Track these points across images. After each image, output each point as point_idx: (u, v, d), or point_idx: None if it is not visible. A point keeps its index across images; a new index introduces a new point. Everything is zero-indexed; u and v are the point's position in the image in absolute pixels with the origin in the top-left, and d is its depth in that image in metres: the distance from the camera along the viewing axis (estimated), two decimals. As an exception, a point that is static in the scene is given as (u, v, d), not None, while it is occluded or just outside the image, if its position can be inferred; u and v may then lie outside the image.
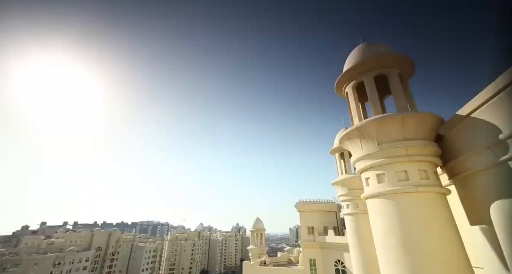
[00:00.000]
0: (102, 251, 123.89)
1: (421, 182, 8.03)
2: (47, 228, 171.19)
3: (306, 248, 28.29)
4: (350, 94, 11.25)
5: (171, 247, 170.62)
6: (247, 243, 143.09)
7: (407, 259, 7.43)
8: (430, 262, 7.06)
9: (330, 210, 30.51)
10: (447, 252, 7.07)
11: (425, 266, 7.09)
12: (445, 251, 7.08)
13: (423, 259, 7.18)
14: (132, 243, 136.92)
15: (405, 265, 7.45)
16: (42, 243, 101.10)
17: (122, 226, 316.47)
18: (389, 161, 8.73)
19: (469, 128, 6.97)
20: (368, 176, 9.67)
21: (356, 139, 10.11)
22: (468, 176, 7.28)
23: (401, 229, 7.85)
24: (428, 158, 8.31)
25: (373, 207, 9.27)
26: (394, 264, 7.80)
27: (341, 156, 20.66)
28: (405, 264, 7.44)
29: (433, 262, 7.03)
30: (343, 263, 24.32)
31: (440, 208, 7.77)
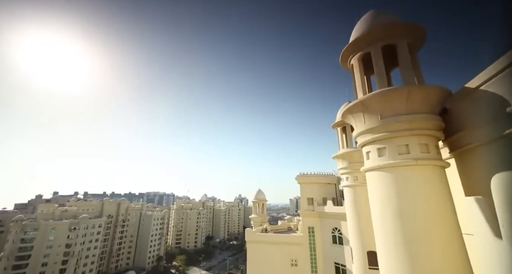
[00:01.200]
0: (113, 219, 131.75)
1: (421, 155, 8.14)
2: (59, 197, 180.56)
3: (305, 217, 29.82)
4: (356, 67, 10.87)
5: (177, 215, 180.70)
6: (249, 213, 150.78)
7: (402, 229, 7.87)
8: (423, 231, 7.48)
9: (329, 182, 31.47)
10: (439, 221, 7.44)
11: (418, 234, 7.52)
12: (438, 220, 7.45)
13: (417, 228, 7.60)
14: (140, 212, 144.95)
15: (400, 234, 7.90)
16: (56, 211, 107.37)
17: (130, 196, 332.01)
18: (391, 135, 8.75)
19: (476, 101, 6.83)
20: (369, 149, 9.79)
21: (359, 113, 10.02)
22: (470, 149, 7.32)
23: (398, 201, 8.17)
24: (430, 132, 8.31)
25: (372, 179, 9.54)
26: (389, 233, 8.28)
27: (343, 130, 20.69)
28: (400, 233, 7.89)
29: (426, 231, 7.45)
30: (339, 230, 25.82)
31: (438, 180, 7.98)
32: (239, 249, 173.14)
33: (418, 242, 7.47)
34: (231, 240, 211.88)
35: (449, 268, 6.95)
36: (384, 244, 8.49)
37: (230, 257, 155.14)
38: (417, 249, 7.42)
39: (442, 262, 7.03)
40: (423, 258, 7.27)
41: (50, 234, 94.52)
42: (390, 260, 8.11)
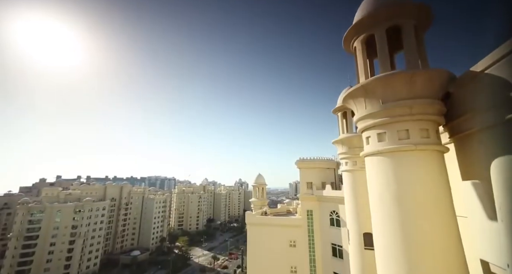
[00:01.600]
0: (117, 202, 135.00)
1: (421, 140, 8.17)
2: (62, 181, 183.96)
3: (304, 200, 30.53)
4: (359, 50, 10.60)
5: (179, 199, 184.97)
6: (249, 196, 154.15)
7: (398, 211, 8.08)
8: (418, 213, 7.70)
9: (329, 167, 31.87)
10: (434, 204, 7.64)
11: (414, 216, 7.74)
12: (433, 203, 7.64)
13: (412, 211, 7.81)
14: (143, 195, 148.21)
15: (396, 216, 8.14)
16: (61, 194, 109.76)
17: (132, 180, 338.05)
18: (391, 120, 8.73)
19: (480, 85, 6.72)
20: (369, 134, 9.81)
21: (360, 97, 9.92)
22: (471, 134, 7.32)
23: (395, 185, 8.32)
24: (432, 117, 8.28)
25: (371, 164, 9.65)
26: (386, 216, 8.52)
27: (344, 115, 20.59)
28: (396, 215, 8.13)
29: (421, 213, 7.67)
30: (337, 213, 26.55)
31: (436, 165, 8.08)
32: (240, 231, 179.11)
33: (413, 224, 7.71)
34: (231, 222, 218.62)
35: (441, 247, 7.23)
36: (380, 226, 8.76)
37: (230, 238, 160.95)
38: (412, 230, 7.67)
39: (434, 242, 7.30)
40: (417, 239, 7.54)
41: (56, 216, 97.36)
42: (386, 240, 8.41)
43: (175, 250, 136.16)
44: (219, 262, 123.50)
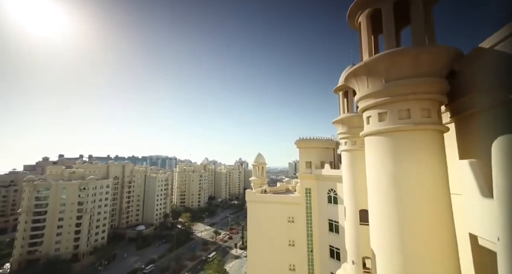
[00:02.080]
0: (120, 180, 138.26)
1: (422, 120, 8.14)
2: (65, 160, 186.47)
3: (303, 179, 31.23)
4: (363, 25, 10.15)
5: (181, 177, 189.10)
6: (249, 175, 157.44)
7: (394, 189, 8.31)
8: (413, 191, 7.92)
9: (328, 146, 32.13)
10: (430, 182, 7.83)
11: (409, 194, 7.98)
12: (429, 181, 7.83)
13: (408, 189, 8.03)
14: (145, 174, 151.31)
15: (392, 194, 8.39)
16: (64, 172, 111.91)
17: (133, 160, 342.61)
18: (393, 99, 8.62)
19: (488, 62, 6.50)
20: (370, 114, 9.76)
21: (363, 76, 9.71)
22: (473, 113, 7.26)
23: (393, 164, 8.45)
24: (434, 96, 8.16)
25: (370, 144, 9.72)
26: (382, 193, 8.78)
27: (345, 94, 20.29)
28: (392, 193, 8.37)
29: (416, 191, 7.89)
30: (335, 191, 27.32)
31: (434, 144, 8.13)
32: (240, 208, 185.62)
33: (407, 201, 7.98)
34: (232, 200, 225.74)
35: (433, 223, 7.55)
36: (376, 203, 9.07)
37: (231, 215, 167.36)
38: (405, 207, 7.96)
39: (427, 218, 7.62)
40: (410, 215, 7.85)
41: (62, 193, 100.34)
42: (380, 216, 8.76)
43: (178, 226, 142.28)
44: (220, 237, 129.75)
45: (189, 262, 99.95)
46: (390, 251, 8.29)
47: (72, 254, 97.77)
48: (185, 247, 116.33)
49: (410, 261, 7.73)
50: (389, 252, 8.32)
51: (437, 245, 7.49)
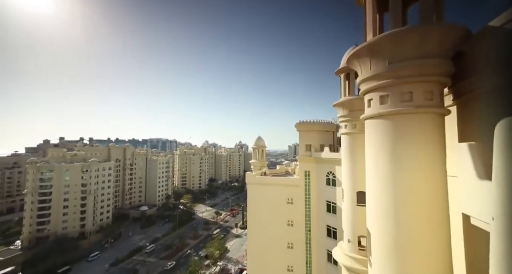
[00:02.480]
0: (121, 162, 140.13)
1: (424, 103, 8.05)
2: (66, 143, 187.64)
3: (302, 162, 31.63)
4: (369, 2, 9.71)
5: (181, 160, 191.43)
6: (249, 158, 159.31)
7: (391, 171, 8.44)
8: (410, 173, 8.06)
9: (328, 129, 32.17)
10: (427, 165, 7.93)
11: (405, 176, 8.12)
12: (426, 164, 7.93)
13: (404, 171, 8.16)
14: (146, 157, 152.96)
15: (388, 176, 8.54)
16: (66, 155, 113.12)
17: (134, 142, 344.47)
18: (396, 81, 8.47)
19: (498, 42, 6.28)
20: (371, 97, 9.64)
21: (365, 57, 9.46)
22: (478, 95, 7.13)
23: (393, 148, 8.50)
24: (439, 78, 7.99)
25: (370, 127, 9.71)
26: (379, 175, 8.93)
27: (347, 76, 19.91)
28: (389, 174, 8.52)
29: (412, 173, 8.02)
30: (333, 174, 27.79)
31: (435, 127, 8.12)
32: (240, 190, 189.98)
33: (403, 183, 8.14)
34: (232, 182, 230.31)
35: (427, 204, 7.78)
36: (373, 185, 9.26)
37: (232, 196, 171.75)
38: (401, 188, 8.15)
39: (421, 199, 7.82)
40: (405, 196, 8.06)
41: (65, 175, 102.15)
42: (377, 197, 8.99)
43: (180, 206, 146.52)
44: (221, 217, 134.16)
45: (192, 241, 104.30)
46: (384, 230, 8.61)
47: (79, 232, 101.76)
48: (187, 227, 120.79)
49: (402, 239, 8.06)
50: (383, 230, 8.65)
51: (429, 224, 7.77)
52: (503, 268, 1.96)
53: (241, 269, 77.38)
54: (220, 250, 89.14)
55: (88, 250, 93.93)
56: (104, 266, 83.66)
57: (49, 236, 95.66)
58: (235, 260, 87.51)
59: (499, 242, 1.97)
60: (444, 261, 7.78)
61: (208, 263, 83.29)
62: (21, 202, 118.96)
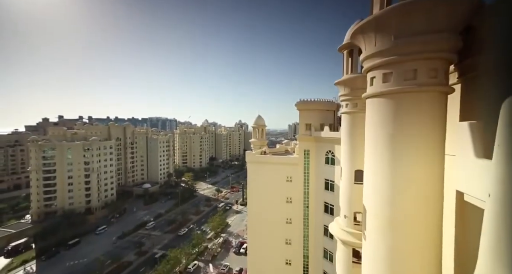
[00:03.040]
0: (122, 141, 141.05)
1: (427, 81, 7.87)
2: (65, 121, 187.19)
3: (302, 141, 31.81)
4: (378, -28, 9.07)
5: (182, 139, 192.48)
6: (249, 137, 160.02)
7: (390, 149, 8.51)
8: (408, 152, 8.13)
9: (328, 108, 31.90)
10: (426, 144, 7.98)
11: (403, 154, 8.21)
12: (425, 144, 7.98)
13: (403, 150, 8.23)
14: (146, 135, 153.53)
15: (387, 155, 8.63)
16: (67, 133, 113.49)
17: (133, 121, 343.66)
18: (401, 58, 8.20)
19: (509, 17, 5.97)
20: (374, 75, 9.41)
21: (371, 32, 9.07)
22: (485, 72, 6.95)
23: (392, 126, 8.47)
24: (445, 55, 7.72)
25: (371, 106, 9.60)
26: (378, 155, 9.02)
27: (350, 53, 19.26)
28: (387, 153, 8.60)
29: (410, 151, 8.10)
30: (333, 153, 28.11)
31: (437, 107, 8.03)
32: (240, 168, 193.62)
33: (401, 161, 8.26)
34: (232, 160, 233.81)
35: (422, 181, 7.96)
36: (372, 163, 9.40)
37: (232, 174, 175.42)
38: (398, 166, 8.28)
39: (417, 176, 7.99)
40: (401, 174, 8.22)
41: (67, 153, 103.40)
42: (375, 175, 9.18)
43: (181, 184, 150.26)
44: (222, 194, 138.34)
45: (194, 216, 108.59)
46: (379, 206, 8.92)
47: (85, 208, 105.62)
48: (189, 203, 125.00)
49: (396, 215, 8.38)
50: (379, 206, 8.96)
51: (423, 201, 8.03)
52: (495, 243, 2.06)
53: (242, 242, 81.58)
54: (221, 225, 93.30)
55: (95, 224, 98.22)
56: (112, 239, 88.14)
57: (56, 211, 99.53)
58: (236, 234, 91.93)
59: (494, 217, 2.04)
60: (434, 236, 8.17)
61: (211, 237, 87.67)
62: (27, 179, 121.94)
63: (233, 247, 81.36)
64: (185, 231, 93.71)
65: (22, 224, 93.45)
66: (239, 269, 67.69)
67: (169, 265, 64.61)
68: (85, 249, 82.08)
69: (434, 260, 8.27)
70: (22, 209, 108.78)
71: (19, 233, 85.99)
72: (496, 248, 2.12)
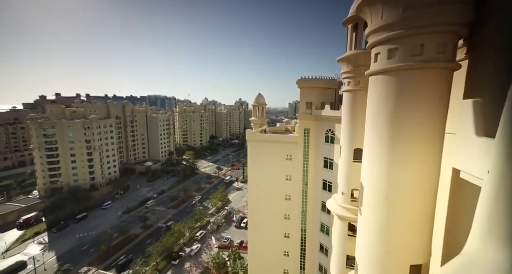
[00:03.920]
0: (122, 120, 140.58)
1: (434, 57, 7.57)
2: (63, 99, 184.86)
3: (302, 120, 31.69)
4: None
5: (181, 117, 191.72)
6: (249, 115, 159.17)
7: (390, 127, 8.48)
8: (407, 130, 8.10)
9: (330, 86, 31.31)
10: (426, 123, 7.92)
11: (402, 132, 8.19)
12: (425, 122, 7.91)
13: (404, 130, 8.18)
14: (146, 114, 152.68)
15: (387, 134, 8.61)
16: (65, 111, 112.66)
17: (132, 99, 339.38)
18: (408, 32, 7.80)
19: None
20: (379, 50, 9.04)
21: (378, 4, 8.54)
22: (496, 46, 6.65)
23: (394, 105, 8.34)
24: (456, 28, 7.32)
25: (374, 83, 9.37)
26: (378, 134, 9.00)
27: (354, 28, 18.37)
28: (387, 132, 8.57)
29: (410, 132, 8.06)
30: (333, 132, 28.16)
31: (441, 84, 7.83)
32: (240, 147, 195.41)
33: (400, 139, 8.26)
34: (232, 139, 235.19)
35: (419, 159, 8.05)
36: (371, 141, 9.43)
37: (232, 153, 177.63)
38: (397, 144, 8.31)
39: (414, 155, 8.06)
40: (400, 151, 8.28)
41: (67, 131, 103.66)
42: (374, 153, 9.26)
43: (183, 162, 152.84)
44: (222, 172, 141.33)
45: (196, 193, 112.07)
46: (377, 182, 9.13)
47: (90, 184, 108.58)
48: (191, 181, 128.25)
49: (392, 191, 8.61)
50: (376, 183, 9.17)
51: (419, 178, 8.19)
52: (489, 217, 2.12)
53: (242, 217, 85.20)
54: (222, 201, 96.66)
55: (101, 200, 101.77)
56: (117, 213, 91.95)
57: (62, 187, 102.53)
58: (237, 209, 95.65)
59: (492, 192, 2.06)
60: (427, 212, 8.47)
61: (212, 212, 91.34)
62: (30, 156, 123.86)
63: (234, 221, 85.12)
64: (188, 206, 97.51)
65: (31, 199, 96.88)
66: (239, 241, 71.42)
67: (173, 237, 68.22)
68: (93, 222, 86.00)
69: (425, 235, 8.68)
70: (29, 185, 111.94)
71: (29, 208, 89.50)
72: (490, 222, 2.18)
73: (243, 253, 58.79)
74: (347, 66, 18.43)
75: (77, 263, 63.08)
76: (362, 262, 10.39)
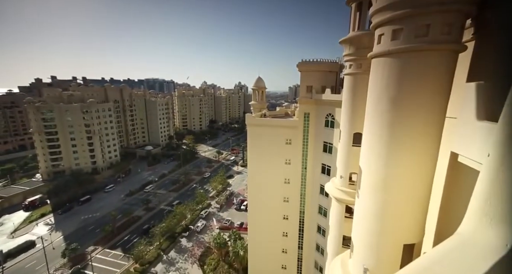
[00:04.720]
0: (120, 104, 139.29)
1: (439, 38, 7.31)
2: (59, 82, 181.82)
3: (302, 104, 31.41)
4: None
5: (180, 101, 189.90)
6: (249, 99, 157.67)
7: (391, 111, 8.40)
8: (408, 115, 8.04)
9: (331, 70, 30.69)
10: (427, 107, 7.83)
11: (403, 117, 8.14)
12: (426, 106, 7.83)
13: (404, 113, 8.11)
14: (144, 98, 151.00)
15: (387, 117, 8.54)
16: (63, 95, 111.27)
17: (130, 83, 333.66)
18: (414, 11, 7.47)
19: None
20: (383, 31, 8.72)
21: (385, -20, 8.11)
22: (502, 28, 6.43)
23: (396, 89, 8.19)
24: (464, 7, 7.00)
25: (376, 66, 9.14)
26: (378, 118, 8.94)
27: (358, 7, 17.64)
28: (388, 116, 8.51)
29: (410, 115, 8.00)
30: (333, 116, 28.03)
31: (446, 66, 7.64)
32: (240, 131, 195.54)
33: (400, 124, 8.22)
34: (232, 123, 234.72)
35: (417, 143, 8.08)
36: (371, 126, 9.40)
37: (232, 137, 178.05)
38: (396, 128, 8.29)
39: (413, 139, 8.07)
40: (398, 135, 8.28)
41: (66, 115, 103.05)
42: (373, 138, 9.27)
43: (183, 146, 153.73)
44: (222, 156, 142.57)
45: (196, 177, 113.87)
46: (375, 166, 9.22)
47: (91, 168, 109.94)
48: (191, 164, 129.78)
49: (389, 173, 8.72)
50: (374, 166, 9.27)
51: (416, 163, 8.26)
52: (486, 199, 2.14)
53: (242, 200, 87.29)
54: (222, 184, 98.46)
55: (103, 183, 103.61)
56: (120, 196, 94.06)
57: (65, 171, 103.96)
58: (237, 192, 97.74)
59: (492, 175, 2.08)
60: (423, 195, 8.64)
61: (213, 195, 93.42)
62: (30, 140, 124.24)
63: (234, 204, 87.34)
64: (189, 189, 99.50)
65: (34, 182, 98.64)
66: (240, 223, 73.76)
67: (175, 219, 70.41)
68: (96, 205, 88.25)
69: (419, 216, 8.93)
70: (31, 168, 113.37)
71: (33, 190, 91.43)
72: (486, 203, 2.21)
73: (243, 234, 60.96)
74: (349, 48, 17.94)
75: (84, 243, 65.65)
76: (358, 242, 10.78)
